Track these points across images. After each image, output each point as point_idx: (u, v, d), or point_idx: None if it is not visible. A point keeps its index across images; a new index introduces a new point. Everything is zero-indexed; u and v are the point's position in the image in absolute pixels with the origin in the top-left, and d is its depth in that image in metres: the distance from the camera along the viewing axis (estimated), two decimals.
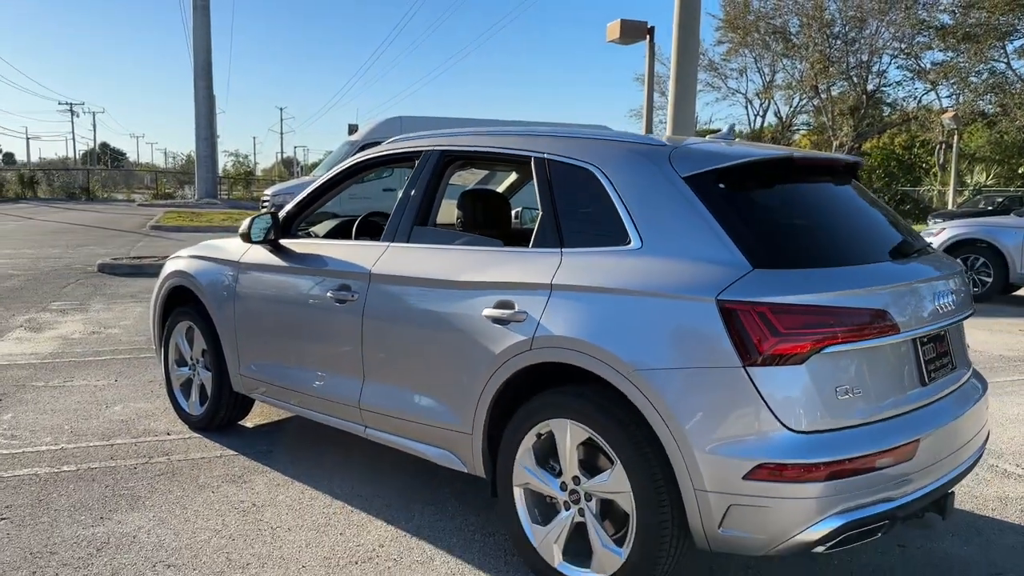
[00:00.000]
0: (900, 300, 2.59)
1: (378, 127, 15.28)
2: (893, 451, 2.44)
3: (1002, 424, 4.99)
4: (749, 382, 2.36)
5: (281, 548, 3.16)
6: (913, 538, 3.36)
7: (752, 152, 2.88)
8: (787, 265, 2.51)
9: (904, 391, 2.60)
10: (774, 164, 2.87)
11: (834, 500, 2.35)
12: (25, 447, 4.27)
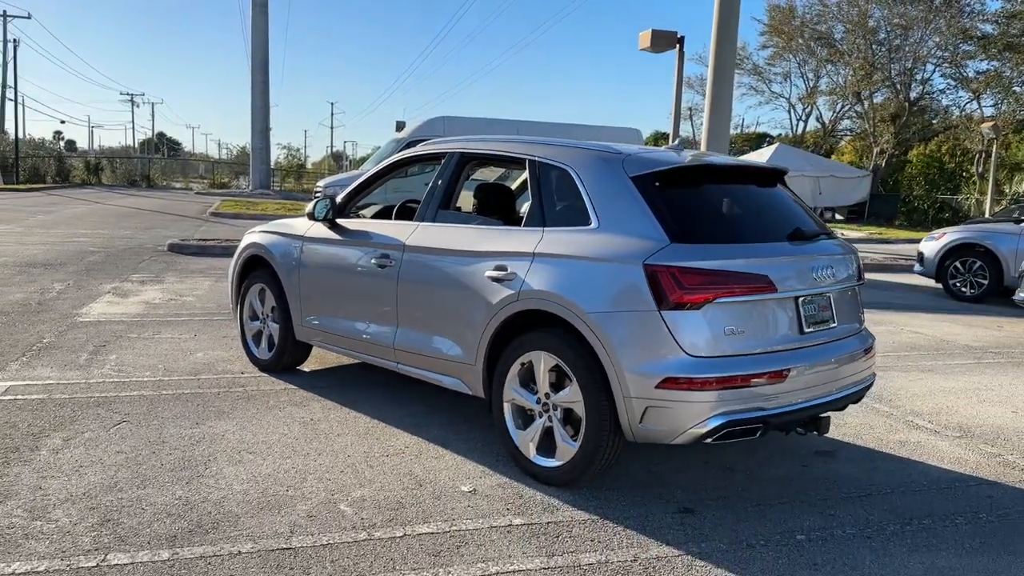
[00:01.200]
0: (780, 269, 3.59)
1: (421, 126, 16.42)
2: (765, 375, 3.44)
3: (932, 393, 5.90)
4: (662, 321, 3.39)
5: (332, 445, 4.26)
6: (814, 461, 4.34)
7: (681, 160, 3.89)
8: (695, 241, 3.53)
9: (781, 334, 3.59)
10: (696, 169, 3.89)
11: (717, 405, 3.36)
12: (131, 378, 5.44)
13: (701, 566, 3.10)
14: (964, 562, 3.21)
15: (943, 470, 4.28)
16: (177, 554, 3.01)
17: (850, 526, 3.51)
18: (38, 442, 4.11)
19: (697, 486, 3.89)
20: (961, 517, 3.66)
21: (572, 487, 3.76)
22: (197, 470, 3.83)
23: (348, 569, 2.95)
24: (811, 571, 3.09)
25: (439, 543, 3.19)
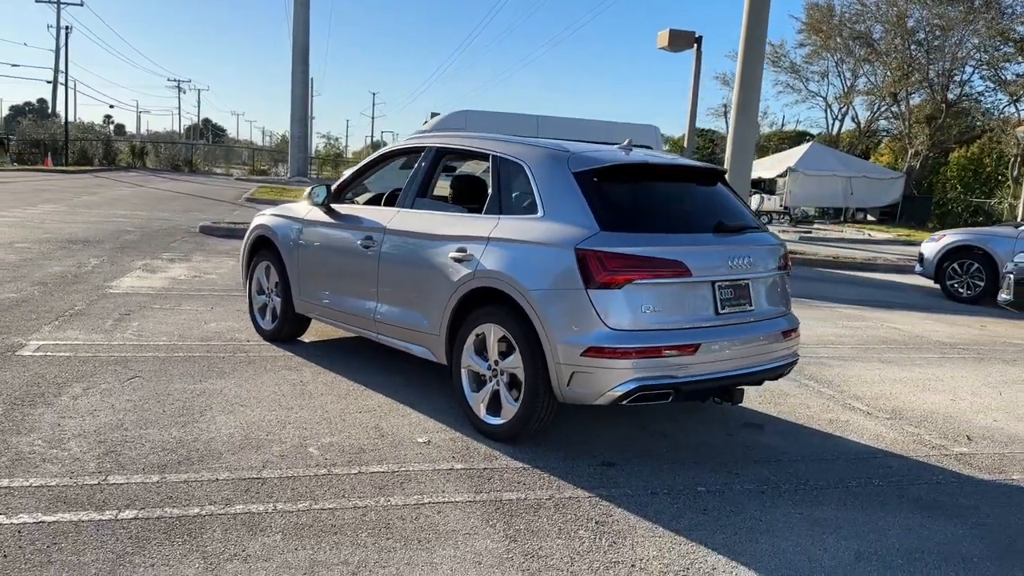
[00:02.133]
0: (697, 256, 4.08)
1: (445, 119, 16.96)
2: (677, 348, 3.94)
3: (882, 381, 6.31)
4: (588, 299, 3.91)
5: (314, 402, 4.85)
6: (741, 431, 4.82)
7: (619, 158, 4.40)
8: (622, 230, 4.03)
9: (696, 313, 4.08)
10: (632, 166, 4.39)
11: (632, 372, 3.87)
12: (148, 342, 6.10)
13: (604, 505, 3.62)
14: (839, 515, 3.68)
15: (859, 444, 4.73)
16: (165, 478, 3.61)
17: (750, 483, 4.00)
18: (61, 390, 4.76)
19: (626, 446, 4.41)
20: (855, 481, 4.12)
21: (514, 442, 4.29)
22: (193, 416, 4.44)
23: (304, 495, 3.53)
24: (699, 514, 3.59)
25: (386, 479, 3.75)
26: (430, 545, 3.14)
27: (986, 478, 4.29)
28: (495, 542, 3.20)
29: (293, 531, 3.19)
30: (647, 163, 4.44)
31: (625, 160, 4.42)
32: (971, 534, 3.56)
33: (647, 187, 4.46)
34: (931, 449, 4.71)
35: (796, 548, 3.31)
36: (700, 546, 3.28)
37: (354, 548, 3.08)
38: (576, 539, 3.28)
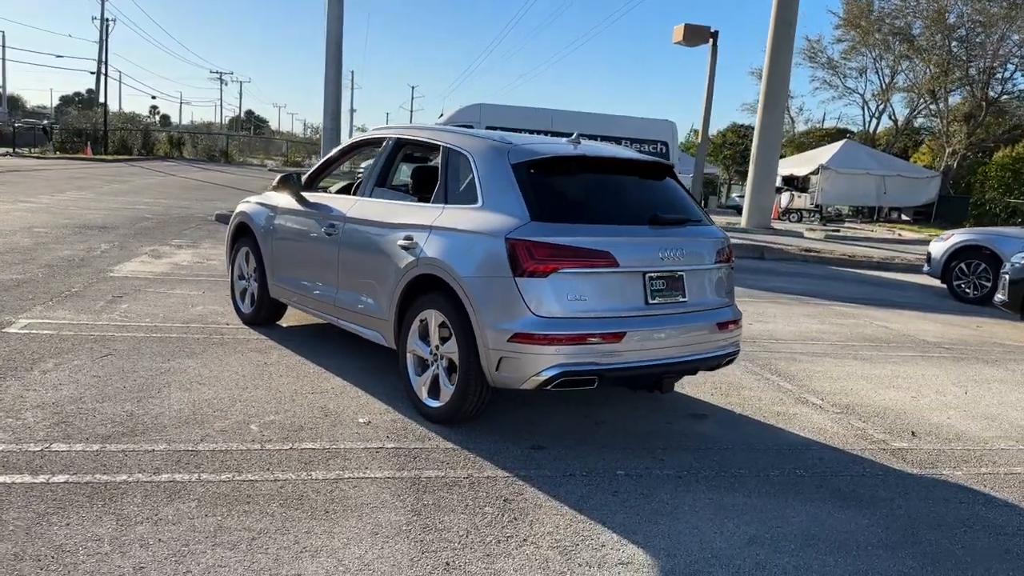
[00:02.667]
0: (626, 248, 4.17)
1: (459, 113, 17.11)
2: (601, 336, 4.04)
3: (848, 377, 6.33)
4: (516, 287, 4.03)
5: (271, 383, 5.04)
6: (683, 420, 4.90)
7: (556, 151, 4.50)
8: (553, 220, 4.14)
9: (624, 303, 4.18)
10: (569, 159, 4.49)
11: (555, 358, 3.98)
12: (132, 323, 6.36)
13: (519, 485, 3.74)
14: (749, 501, 3.76)
15: (798, 436, 4.78)
16: (105, 447, 3.82)
17: (671, 469, 4.09)
18: (34, 365, 5.01)
19: (562, 432, 4.52)
20: (778, 471, 4.19)
21: (450, 424, 4.44)
22: (150, 392, 4.66)
23: (231, 467, 3.71)
24: (608, 496, 3.70)
25: (315, 456, 3.92)
26: (335, 516, 3.30)
27: (914, 472, 4.32)
28: (399, 515, 3.35)
29: (209, 499, 3.37)
30: (585, 156, 4.54)
31: (563, 153, 4.52)
32: (876, 524, 3.62)
33: (585, 179, 4.56)
34: (871, 443, 4.74)
35: (692, 531, 3.41)
36: (598, 525, 3.39)
37: (261, 516, 3.25)
38: (479, 515, 3.41)
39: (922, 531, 3.58)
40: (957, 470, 4.39)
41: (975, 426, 5.25)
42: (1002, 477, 4.34)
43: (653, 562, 3.12)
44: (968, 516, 3.78)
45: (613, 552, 3.17)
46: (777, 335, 7.82)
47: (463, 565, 2.98)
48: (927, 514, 3.77)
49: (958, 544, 3.47)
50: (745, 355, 6.75)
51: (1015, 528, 3.68)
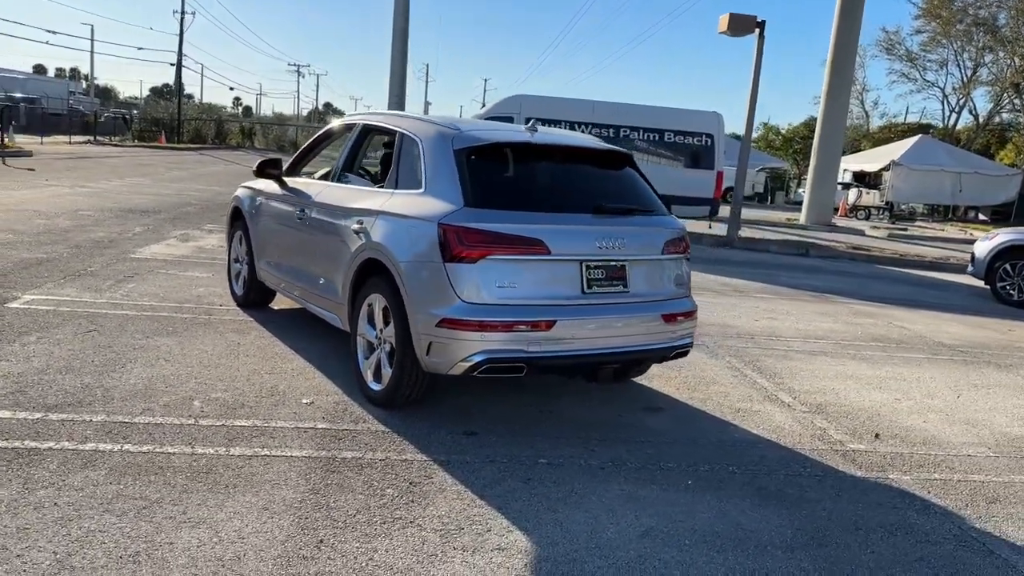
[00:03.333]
0: (561, 235, 4.12)
1: (500, 104, 17.20)
2: (530, 323, 4.01)
3: (834, 376, 6.12)
4: (445, 272, 4.04)
5: (235, 362, 5.17)
6: (635, 413, 4.83)
7: (503, 136, 4.48)
8: (487, 207, 4.13)
9: (557, 291, 4.13)
10: (515, 145, 4.46)
11: (481, 344, 3.97)
12: (129, 301, 6.61)
13: (433, 468, 3.76)
14: (663, 495, 3.69)
15: (748, 434, 4.65)
16: (46, 416, 4.00)
17: (597, 460, 4.04)
18: (19, 338, 5.27)
19: (501, 419, 4.51)
20: (709, 467, 4.09)
21: (391, 408, 4.48)
22: (114, 367, 4.84)
23: (155, 440, 3.83)
24: (519, 483, 3.68)
25: (242, 432, 4.02)
26: (233, 491, 3.38)
27: (858, 475, 4.16)
28: (297, 493, 3.41)
29: (121, 469, 3.49)
30: (530, 143, 4.50)
31: (507, 139, 4.50)
32: (788, 524, 3.50)
33: (530, 166, 4.53)
34: (825, 444, 4.59)
35: (588, 520, 3.37)
36: (494, 511, 3.38)
37: (162, 487, 3.35)
38: (377, 496, 3.44)
39: (835, 534, 3.45)
40: (906, 475, 4.21)
41: (950, 431, 5.01)
42: (953, 484, 4.14)
43: (531, 549, 3.09)
44: (895, 521, 3.62)
45: (495, 537, 3.16)
46: (779, 332, 7.61)
47: (337, 544, 3.02)
48: (850, 517, 3.63)
49: (869, 550, 3.33)
50: (733, 351, 6.60)
51: (941, 536, 3.52)
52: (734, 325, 7.77)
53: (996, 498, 3.99)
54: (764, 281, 11.22)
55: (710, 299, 9.17)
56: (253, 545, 2.96)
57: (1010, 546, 3.48)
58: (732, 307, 8.78)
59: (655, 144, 17.06)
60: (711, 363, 6.18)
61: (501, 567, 2.94)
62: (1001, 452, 4.69)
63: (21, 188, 14.86)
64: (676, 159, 17.22)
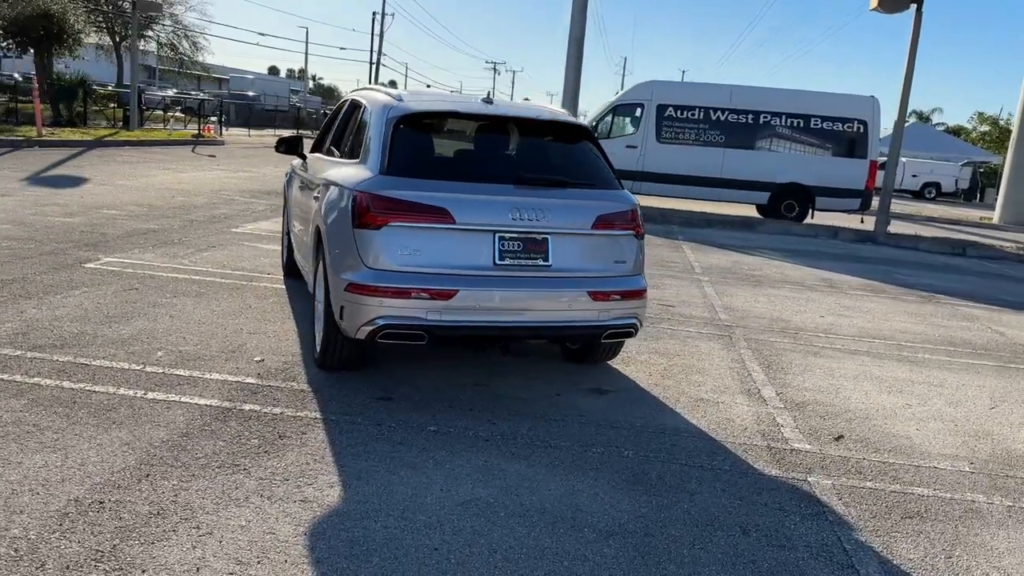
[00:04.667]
0: (467, 205, 4.09)
1: (631, 90, 16.91)
2: (430, 291, 4.02)
3: (853, 377, 5.55)
4: (353, 238, 4.15)
5: (230, 321, 5.57)
6: (575, 393, 4.67)
7: (435, 107, 4.49)
8: (404, 175, 4.19)
9: (464, 261, 4.11)
10: (444, 115, 4.46)
11: (379, 310, 4.05)
12: (191, 267, 7.27)
13: (314, 426, 3.88)
14: (523, 470, 3.58)
15: (686, 424, 4.37)
16: (23, 354, 4.55)
17: (488, 432, 3.98)
18: (67, 291, 5.99)
19: (430, 389, 4.53)
20: (601, 449, 3.89)
21: (329, 370, 4.66)
22: (120, 320, 5.40)
23: (95, 380, 4.25)
24: (385, 445, 3.72)
25: (172, 380, 4.35)
26: (113, 427, 3.69)
27: (770, 474, 3.80)
28: (168, 435, 3.66)
29: (42, 401, 3.91)
30: (458, 112, 4.48)
31: (438, 109, 4.52)
32: (632, 512, 3.28)
33: (457, 136, 4.51)
34: (765, 442, 4.21)
35: (420, 484, 3.35)
36: (333, 467, 3.46)
37: (58, 418, 3.73)
38: (238, 445, 3.62)
39: (676, 527, 3.19)
40: (829, 479, 3.78)
41: (940, 441, 4.42)
42: (880, 494, 3.67)
43: (336, 504, 3.14)
44: (763, 524, 3.29)
45: (311, 491, 3.24)
46: (835, 330, 7.00)
47: (157, 480, 3.23)
48: (713, 513, 3.34)
49: (706, 547, 3.06)
50: (756, 343, 6.19)
51: (802, 544, 3.15)
52: (787, 319, 7.22)
53: (917, 513, 3.49)
54: (874, 278, 10.28)
55: (788, 293, 8.57)
56: (86, 472, 3.23)
57: (882, 562, 3.06)
58: (806, 301, 8.15)
59: (800, 131, 16.05)
60: (717, 353, 5.82)
61: (288, 516, 3.02)
62: (981, 469, 4.07)
63: (189, 171, 16.62)
64: (823, 147, 16.11)
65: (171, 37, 47.23)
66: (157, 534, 2.83)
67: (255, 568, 2.67)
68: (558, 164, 4.49)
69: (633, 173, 16.20)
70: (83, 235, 8.33)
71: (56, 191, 11.62)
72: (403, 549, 2.85)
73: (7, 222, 8.67)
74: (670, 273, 9.27)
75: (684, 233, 13.57)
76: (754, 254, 11.69)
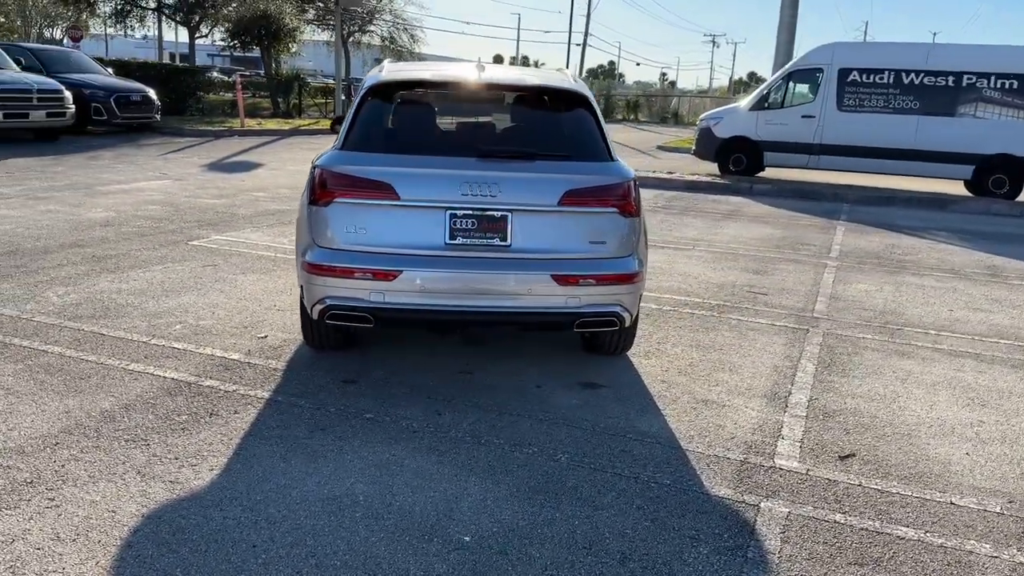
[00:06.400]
0: (412, 179, 3.83)
1: (808, 54, 15.38)
2: (372, 271, 3.82)
3: (929, 385, 4.61)
4: (308, 216, 4.05)
5: (266, 298, 5.71)
6: (562, 388, 4.26)
7: (400, 75, 4.23)
8: (362, 149, 4.01)
9: (411, 239, 3.85)
10: (410, 83, 4.19)
11: (324, 290, 3.92)
12: (278, 246, 7.60)
13: (255, 406, 3.83)
14: (424, 466, 3.28)
15: (665, 430, 3.81)
16: (59, 323, 4.93)
17: (422, 423, 3.71)
18: (149, 266, 6.47)
19: (401, 373, 4.33)
20: (534, 449, 3.49)
21: (316, 348, 4.62)
22: (173, 293, 5.72)
23: (95, 350, 4.50)
24: (305, 431, 3.58)
25: (165, 352, 4.51)
26: (67, 394, 3.86)
27: (717, 494, 3.19)
28: (111, 404, 3.77)
29: (34, 367, 4.21)
30: (424, 80, 4.19)
31: (403, 78, 4.26)
32: (509, 525, 2.88)
33: (423, 106, 4.23)
34: (750, 456, 3.57)
35: (296, 475, 3.18)
36: (232, 451, 3.37)
37: (29, 383, 3.97)
38: (166, 419, 3.65)
39: (546, 546, 2.76)
40: (785, 507, 3.12)
41: (981, 472, 3.52)
42: (843, 531, 2.96)
43: (199, 488, 3.06)
44: (655, 553, 2.76)
45: (187, 472, 3.18)
46: (955, 327, 5.90)
47: (61, 448, 3.32)
48: (603, 534, 2.86)
49: (558, 574, 2.62)
50: (836, 338, 5.39)
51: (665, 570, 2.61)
52: (901, 312, 6.19)
53: (873, 561, 2.77)
54: None
55: (930, 282, 7.38)
56: (6, 436, 3.40)
57: None
58: (943, 292, 6.94)
59: (1013, 94, 13.76)
60: (772, 348, 5.09)
61: (143, 496, 2.98)
62: (1016, 512, 3.17)
63: None
64: None
65: (391, 30, 50.12)
66: (11, 502, 2.90)
67: (66, 546, 2.65)
68: (537, 134, 4.08)
69: (809, 146, 14.80)
70: (215, 216, 8.98)
71: (225, 175, 12.69)
72: (220, 543, 2.71)
73: (159, 203, 9.57)
74: (794, 257, 8.31)
75: (852, 213, 12.15)
76: (923, 236, 10.19)
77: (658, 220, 10.29)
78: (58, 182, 10.75)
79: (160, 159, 14.25)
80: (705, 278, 7.08)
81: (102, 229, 7.83)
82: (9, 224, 7.80)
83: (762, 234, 9.73)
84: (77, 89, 16.12)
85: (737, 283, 6.94)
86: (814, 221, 11.08)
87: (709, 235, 9.47)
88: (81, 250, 6.89)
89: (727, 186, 14.25)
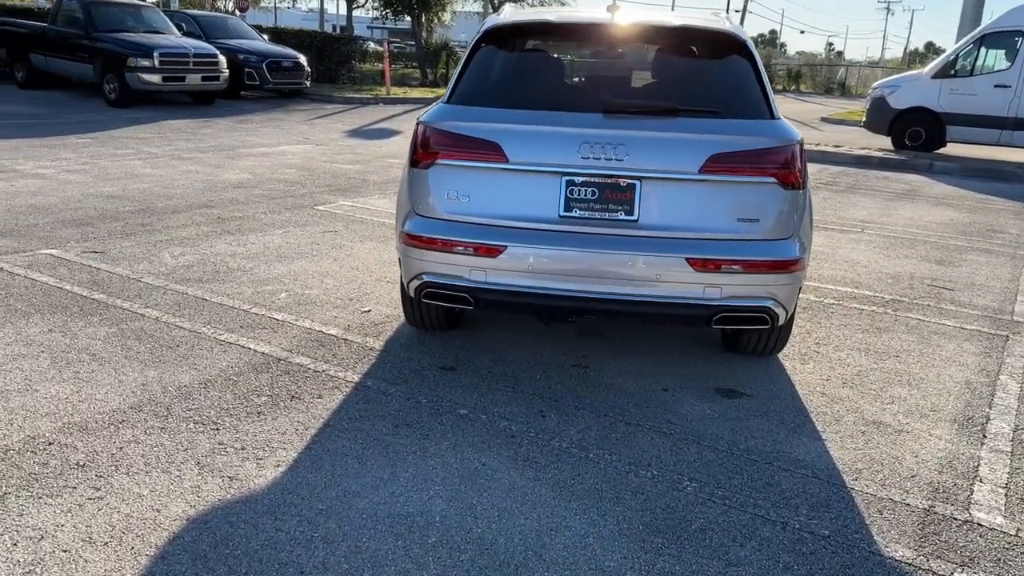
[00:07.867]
0: (522, 138, 3.23)
1: (1004, 16, 13.46)
2: (473, 245, 3.28)
3: None
4: (407, 179, 3.56)
5: (375, 270, 5.35)
6: (682, 390, 3.59)
7: (524, 19, 3.62)
8: (463, 103, 3.46)
9: (520, 210, 3.27)
10: (532, 27, 3.57)
11: (420, 264, 3.42)
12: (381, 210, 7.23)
13: (341, 391, 3.41)
14: (511, 478, 2.74)
15: (805, 463, 3.07)
16: (165, 285, 4.74)
17: (524, 426, 3.15)
18: (271, 230, 6.27)
19: (511, 363, 3.80)
20: (651, 472, 2.85)
21: (419, 328, 4.16)
22: (287, 259, 5.44)
23: (197, 317, 4.25)
24: (390, 425, 3.12)
25: (264, 324, 4.18)
26: (156, 365, 3.59)
27: (892, 556, 2.43)
28: (190, 379, 3.46)
29: (126, 332, 3.98)
30: (548, 22, 3.56)
31: (525, 21, 3.64)
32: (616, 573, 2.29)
33: (543, 57, 3.60)
34: (937, 503, 2.78)
35: (368, 482, 2.71)
36: (306, 443, 2.97)
37: (117, 349, 3.73)
38: (242, 400, 3.29)
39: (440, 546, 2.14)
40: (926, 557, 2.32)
41: None
42: None
43: (257, 489, 2.65)
44: None
45: (250, 466, 2.79)
46: None
47: (126, 427, 3.02)
48: None
49: None
50: None
51: None
52: None
53: None
54: None
55: None
56: (76, 409, 3.13)
57: None
58: None
59: None
60: (962, 359, 4.17)
61: (194, 493, 2.60)
62: None
63: None
64: None
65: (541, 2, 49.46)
66: (55, 489, 2.60)
67: (95, 551, 2.30)
68: (680, 87, 3.38)
69: (1002, 120, 13.00)
70: (346, 181, 8.79)
71: (364, 142, 12.59)
72: (263, 563, 2.27)
73: (295, 167, 9.49)
74: (985, 246, 7.10)
75: None
76: None
77: (820, 198, 9.21)
78: (204, 143, 10.95)
79: (306, 124, 14.39)
80: (876, 267, 6.10)
81: (233, 191, 7.76)
82: (148, 183, 7.88)
83: (945, 218, 8.47)
84: (232, 54, 16.57)
85: (916, 274, 5.93)
86: (1008, 205, 9.60)
87: (881, 217, 8.33)
88: (208, 211, 6.80)
89: (902, 162, 12.76)
